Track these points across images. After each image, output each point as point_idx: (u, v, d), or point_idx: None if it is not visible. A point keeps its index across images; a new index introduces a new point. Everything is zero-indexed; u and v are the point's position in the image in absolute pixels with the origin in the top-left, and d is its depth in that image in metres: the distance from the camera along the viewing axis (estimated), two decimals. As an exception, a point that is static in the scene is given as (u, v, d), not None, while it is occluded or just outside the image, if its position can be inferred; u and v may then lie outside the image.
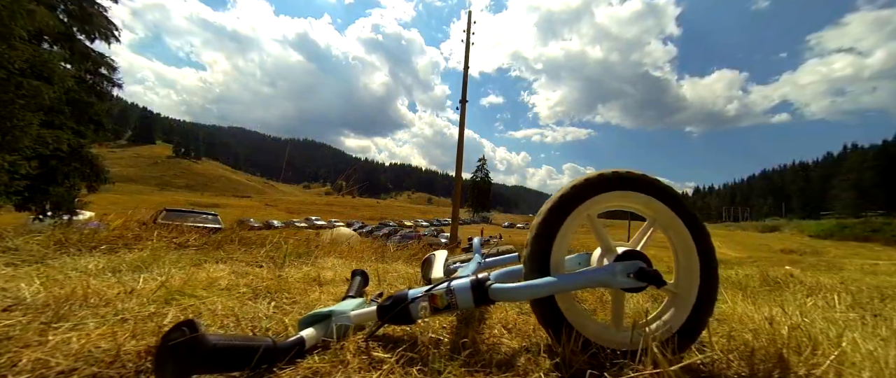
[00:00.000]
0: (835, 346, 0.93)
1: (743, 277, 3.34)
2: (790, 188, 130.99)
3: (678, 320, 1.03)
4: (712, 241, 1.08)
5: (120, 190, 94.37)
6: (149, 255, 1.84)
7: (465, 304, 1.00)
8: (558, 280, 0.97)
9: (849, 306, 1.66)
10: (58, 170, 20.33)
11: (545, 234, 1.03)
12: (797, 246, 48.48)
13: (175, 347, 0.63)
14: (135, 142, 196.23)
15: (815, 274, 4.90)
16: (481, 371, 0.84)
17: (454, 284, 1.03)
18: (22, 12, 14.88)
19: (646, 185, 1.08)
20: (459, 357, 0.89)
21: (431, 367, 0.81)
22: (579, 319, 1.02)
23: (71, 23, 21.02)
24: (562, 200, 1.04)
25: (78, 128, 20.87)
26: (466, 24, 22.45)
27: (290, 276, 1.80)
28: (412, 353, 0.89)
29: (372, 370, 0.79)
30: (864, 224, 63.15)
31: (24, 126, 15.68)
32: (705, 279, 1.07)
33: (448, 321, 1.19)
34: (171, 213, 14.67)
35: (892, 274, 6.52)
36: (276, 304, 1.25)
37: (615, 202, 1.09)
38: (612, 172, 1.06)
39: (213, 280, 1.46)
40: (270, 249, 2.53)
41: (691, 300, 1.05)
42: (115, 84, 24.28)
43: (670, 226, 1.11)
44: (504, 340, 1.08)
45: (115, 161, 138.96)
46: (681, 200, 1.10)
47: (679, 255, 1.11)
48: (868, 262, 15.38)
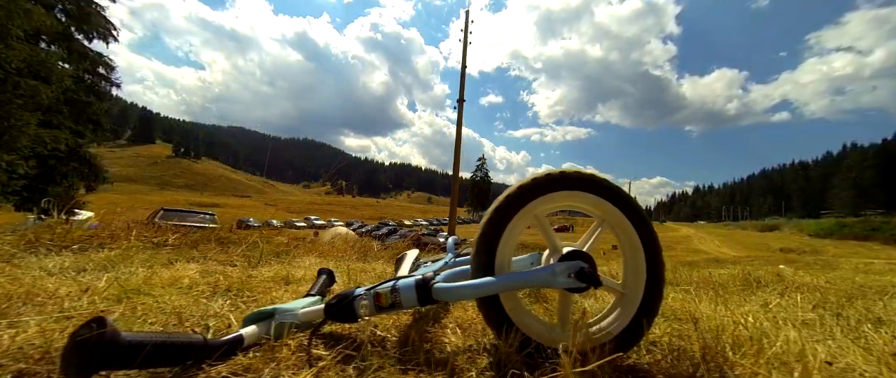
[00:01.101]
0: (771, 345, 0.94)
1: (727, 278, 3.34)
2: (790, 187, 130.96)
3: (624, 320, 1.04)
4: (659, 242, 1.09)
5: (120, 190, 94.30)
6: (118, 254, 1.85)
7: (409, 302, 1.01)
8: (499, 280, 0.97)
9: (815, 305, 1.66)
10: (56, 170, 20.34)
11: (490, 234, 1.03)
12: (796, 245, 48.47)
13: (80, 344, 0.64)
14: (134, 141, 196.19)
15: (807, 273, 4.90)
16: (415, 369, 0.84)
17: (400, 283, 1.03)
18: (19, 12, 14.86)
19: (594, 185, 1.08)
20: (396, 354, 0.89)
21: (367, 365, 0.82)
22: (524, 319, 1.02)
23: (69, 22, 20.98)
24: (507, 200, 1.04)
25: (76, 127, 20.87)
26: (464, 24, 22.44)
27: (261, 274, 1.81)
28: (352, 351, 0.89)
29: (306, 367, 0.80)
30: (863, 223, 63.12)
31: (21, 126, 15.67)
32: (651, 280, 1.07)
33: (402, 320, 1.19)
34: (168, 212, 14.68)
35: (884, 273, 6.53)
36: (232, 302, 1.26)
37: (563, 202, 1.09)
38: (559, 172, 1.07)
39: (177, 279, 1.47)
40: (247, 249, 2.54)
41: (637, 301, 1.05)
42: (114, 83, 24.26)
43: (619, 226, 1.11)
44: (452, 339, 1.08)
45: (115, 161, 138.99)
46: (630, 201, 1.10)
47: (626, 255, 1.11)
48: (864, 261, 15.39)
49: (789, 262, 14.39)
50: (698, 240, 59.61)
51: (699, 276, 2.95)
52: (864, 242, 50.67)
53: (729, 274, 3.56)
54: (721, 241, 55.41)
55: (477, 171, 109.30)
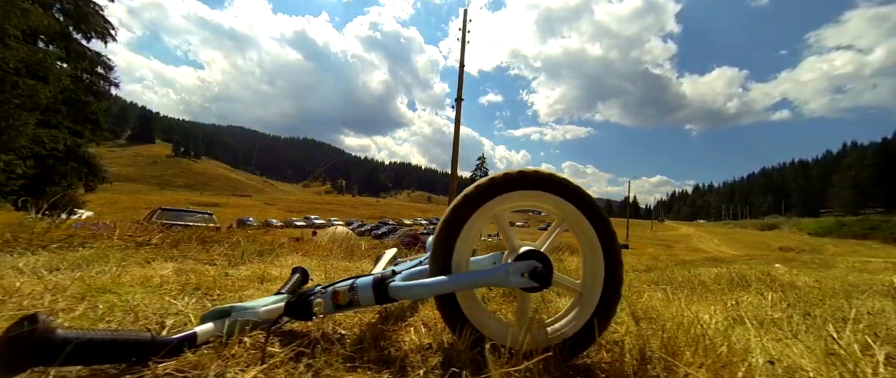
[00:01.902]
0: (721, 345, 0.94)
1: (715, 277, 3.35)
2: (790, 186, 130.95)
3: (581, 320, 1.04)
4: (618, 242, 1.09)
5: (120, 189, 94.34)
6: (94, 253, 1.86)
7: (367, 301, 1.02)
8: (451, 279, 0.98)
9: (789, 304, 1.67)
10: (55, 169, 20.35)
11: (448, 234, 1.04)
12: (796, 244, 48.46)
13: (10, 341, 0.64)
14: (134, 141, 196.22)
15: (801, 272, 4.92)
16: (365, 367, 0.85)
17: (358, 282, 1.04)
18: (16, 11, 14.85)
19: (553, 185, 1.08)
20: (349, 352, 0.90)
21: (316, 362, 0.82)
22: (481, 318, 1.03)
23: (66, 22, 20.95)
24: (465, 200, 1.05)
25: (75, 127, 20.87)
26: (462, 23, 22.42)
27: (239, 273, 1.82)
28: (306, 348, 0.90)
29: (256, 364, 0.81)
30: (862, 222, 63.13)
31: (19, 125, 15.68)
32: (609, 280, 1.08)
33: (366, 318, 1.20)
34: (166, 212, 14.69)
35: (878, 272, 6.53)
36: (199, 300, 1.27)
37: (522, 202, 1.10)
38: (518, 172, 1.07)
39: (148, 277, 1.48)
40: (229, 248, 2.55)
41: (595, 301, 1.06)
42: (112, 83, 24.23)
43: (578, 226, 1.11)
44: (413, 337, 1.09)
45: (115, 160, 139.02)
46: (589, 202, 1.10)
47: (586, 255, 1.11)
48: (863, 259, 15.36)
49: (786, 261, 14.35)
50: (698, 239, 59.68)
51: (685, 275, 2.96)
52: (864, 241, 50.70)
53: (717, 273, 3.57)
54: (720, 240, 55.45)
55: (477, 171, 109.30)
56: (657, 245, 46.91)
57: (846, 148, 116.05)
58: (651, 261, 8.04)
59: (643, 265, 4.50)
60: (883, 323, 1.35)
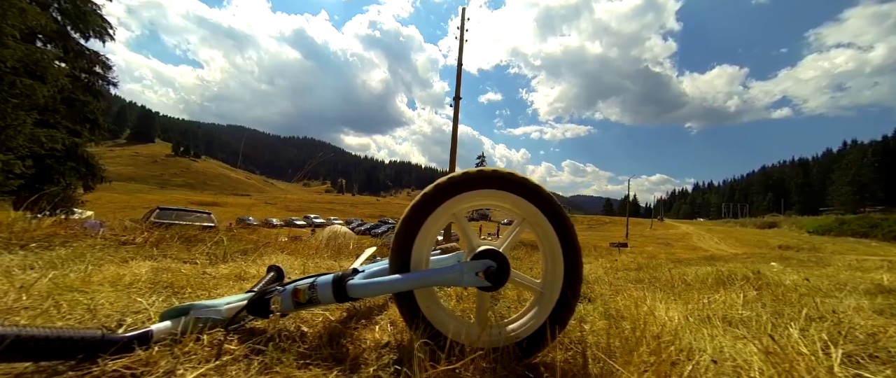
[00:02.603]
0: (670, 344, 0.95)
1: (704, 275, 3.36)
2: (790, 184, 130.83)
3: (540, 319, 1.05)
4: (578, 240, 1.10)
5: (119, 189, 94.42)
6: (71, 252, 1.87)
7: (326, 299, 1.03)
8: (406, 277, 0.99)
9: (764, 304, 1.67)
10: (53, 169, 20.35)
11: (407, 233, 1.05)
12: (795, 242, 48.43)
13: None
14: (134, 140, 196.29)
15: (795, 271, 4.92)
16: (316, 364, 0.86)
17: (319, 280, 1.05)
18: (14, 10, 14.84)
19: (513, 184, 1.08)
20: (304, 350, 0.91)
21: (269, 360, 0.83)
22: (438, 316, 1.04)
23: (64, 21, 20.93)
24: (424, 200, 1.05)
25: (73, 127, 20.88)
26: (460, 22, 22.41)
27: (218, 272, 1.83)
28: (264, 345, 0.91)
29: (209, 362, 0.82)
30: (861, 220, 63.07)
31: (18, 125, 15.69)
32: (569, 279, 1.08)
33: (333, 316, 1.21)
34: (164, 211, 14.69)
35: (871, 270, 6.53)
36: (167, 299, 1.28)
37: (481, 201, 1.10)
38: (477, 171, 1.08)
39: (121, 276, 1.49)
40: (212, 247, 2.56)
41: (554, 300, 1.06)
42: (111, 83, 24.23)
43: (538, 226, 1.12)
44: (375, 335, 1.10)
45: (115, 160, 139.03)
46: (550, 201, 1.10)
47: (546, 255, 1.12)
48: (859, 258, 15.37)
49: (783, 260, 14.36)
50: (697, 237, 59.68)
51: (672, 274, 2.96)
52: (863, 239, 50.68)
53: (706, 272, 3.58)
54: (720, 239, 55.45)
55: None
56: (656, 243, 46.88)
57: (846, 146, 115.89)
58: (647, 259, 8.05)
59: (635, 264, 4.51)
60: (849, 322, 1.35)
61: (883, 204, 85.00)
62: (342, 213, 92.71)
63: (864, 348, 1.09)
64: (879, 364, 1.01)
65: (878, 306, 1.85)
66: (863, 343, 1.13)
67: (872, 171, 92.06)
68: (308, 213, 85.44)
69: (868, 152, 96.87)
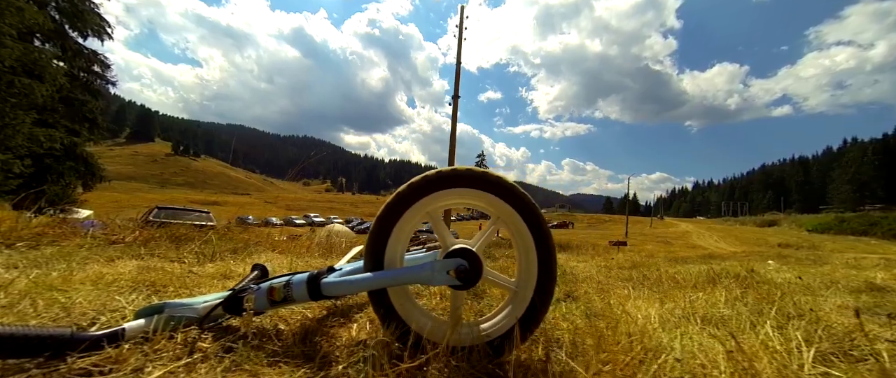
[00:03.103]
0: (637, 342, 0.96)
1: (694, 274, 3.36)
2: (789, 183, 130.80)
3: (513, 318, 1.05)
4: (553, 239, 1.10)
5: (119, 188, 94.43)
6: (57, 251, 1.88)
7: (301, 297, 1.04)
8: (377, 275, 1.00)
9: (747, 302, 1.68)
10: (52, 168, 20.34)
11: (381, 231, 1.05)
12: (795, 240, 48.35)
13: None
14: (133, 139, 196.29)
15: (791, 269, 4.93)
16: (286, 361, 0.87)
17: (294, 278, 1.06)
18: (11, 10, 14.82)
19: (487, 183, 1.08)
20: (276, 348, 0.92)
21: (239, 357, 0.84)
22: (413, 314, 1.04)
23: (62, 20, 20.89)
24: (398, 198, 1.06)
25: (72, 126, 20.87)
26: (459, 20, 22.36)
27: (205, 271, 1.84)
28: (235, 343, 0.92)
29: (179, 359, 0.82)
30: (861, 218, 63.05)
31: (16, 124, 15.69)
32: (542, 278, 1.08)
33: (312, 314, 1.22)
34: (162, 210, 14.70)
35: (866, 268, 6.54)
36: (147, 298, 1.29)
37: (456, 199, 1.11)
38: (451, 170, 1.08)
39: (104, 275, 1.50)
40: (200, 246, 2.56)
41: (527, 299, 1.06)
42: (109, 81, 24.20)
43: (512, 225, 1.12)
44: (351, 333, 1.11)
45: (114, 159, 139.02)
46: (524, 200, 1.10)
47: (520, 254, 1.12)
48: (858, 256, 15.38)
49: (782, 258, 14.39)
50: (697, 236, 59.65)
51: (664, 273, 2.97)
52: (862, 237, 50.65)
53: (698, 270, 3.58)
54: (719, 237, 55.41)
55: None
56: (656, 242, 46.88)
57: (847, 144, 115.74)
58: (644, 258, 8.04)
59: (629, 263, 4.52)
60: (827, 320, 1.36)
61: (883, 202, 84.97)
62: (342, 212, 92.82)
63: (838, 346, 1.10)
64: (852, 362, 1.02)
65: (862, 304, 1.86)
66: (838, 341, 1.14)
67: (872, 169, 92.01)
68: (308, 212, 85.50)
69: (868, 150, 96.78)
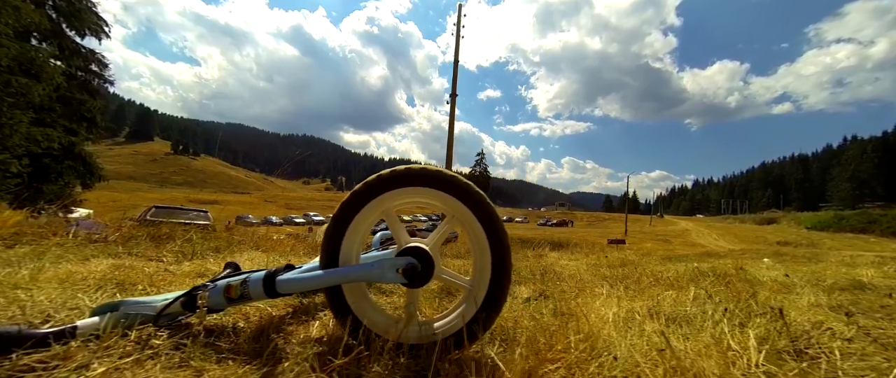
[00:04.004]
0: (583, 340, 0.97)
1: (681, 272, 3.36)
2: (789, 181, 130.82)
3: (466, 316, 1.06)
4: (508, 239, 1.10)
5: (119, 187, 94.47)
6: (31, 250, 1.89)
7: (257, 294, 1.05)
8: (328, 273, 1.01)
9: (720, 300, 1.68)
10: (51, 168, 20.34)
11: (336, 229, 1.06)
12: (794, 238, 48.43)
13: None
14: (133, 139, 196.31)
15: (784, 266, 4.93)
16: (234, 357, 0.88)
17: (252, 276, 1.07)
18: (7, 9, 14.80)
19: (441, 182, 1.09)
20: (228, 345, 0.92)
21: (187, 354, 0.85)
22: (366, 311, 1.06)
23: (59, 19, 20.85)
24: (353, 197, 1.07)
25: (70, 125, 20.86)
26: (457, 18, 22.36)
27: (180, 270, 1.85)
28: (187, 341, 0.93)
29: (127, 356, 0.83)
30: (861, 215, 63.07)
31: (13, 124, 15.70)
32: (496, 277, 1.09)
33: (276, 311, 1.22)
34: (160, 210, 14.70)
35: (860, 266, 6.55)
36: (112, 296, 1.30)
37: (412, 198, 1.11)
38: (405, 169, 1.09)
39: (73, 274, 1.51)
40: (182, 244, 2.57)
41: (481, 298, 1.07)
42: (107, 80, 24.15)
43: (466, 224, 1.12)
44: (312, 331, 1.12)
45: (114, 158, 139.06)
46: (477, 199, 1.10)
47: (475, 252, 1.13)
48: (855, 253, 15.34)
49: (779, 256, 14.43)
50: (697, 234, 59.71)
51: (640, 272, 2.98)
52: (861, 235, 50.72)
53: (684, 269, 3.58)
54: (719, 235, 55.49)
55: (476, 166, 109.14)
56: (655, 240, 46.95)
57: (846, 141, 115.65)
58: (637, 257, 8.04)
59: (619, 261, 4.52)
60: (794, 318, 1.36)
61: (882, 200, 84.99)
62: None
63: (795, 345, 1.10)
64: (806, 359, 1.02)
65: (835, 301, 1.87)
66: (796, 339, 1.14)
67: (872, 167, 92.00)
68: (308, 211, 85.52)
69: (868, 148, 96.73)
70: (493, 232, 1.09)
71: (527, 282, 2.24)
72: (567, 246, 12.21)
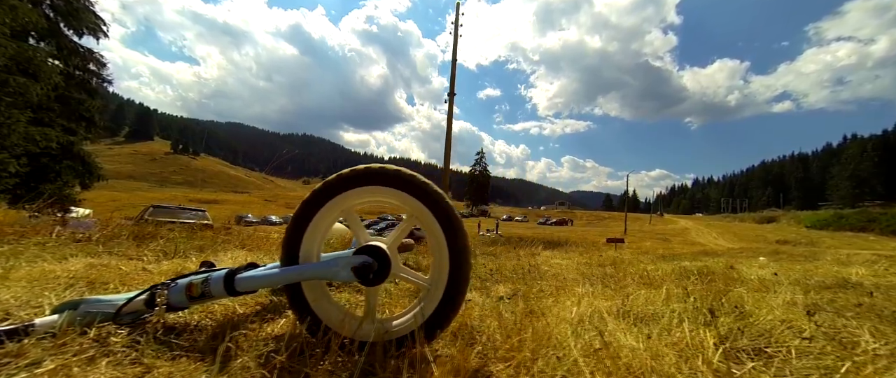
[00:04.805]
0: (534, 339, 0.98)
1: (667, 272, 3.36)
2: (789, 179, 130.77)
3: (424, 314, 1.07)
4: (469, 240, 1.11)
5: (120, 187, 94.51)
6: (10, 250, 1.89)
7: (218, 293, 1.06)
8: (284, 271, 1.02)
9: (694, 299, 1.69)
10: (49, 167, 20.34)
11: (296, 228, 1.07)
12: (793, 236, 48.37)
13: None
14: (132, 138, 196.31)
15: (780, 265, 4.94)
16: (186, 354, 0.89)
17: (213, 274, 1.08)
18: (4, 8, 14.79)
19: (400, 181, 1.10)
20: (181, 341, 0.93)
21: (141, 352, 0.86)
22: (325, 309, 1.07)
23: (57, 18, 20.82)
24: (314, 196, 1.08)
25: (68, 125, 20.85)
26: (455, 17, 22.33)
27: (158, 269, 1.86)
28: (140, 338, 0.93)
29: (81, 354, 0.84)
30: (860, 214, 63.03)
31: (11, 123, 15.70)
32: (454, 277, 1.09)
33: (242, 309, 1.23)
34: (158, 209, 14.71)
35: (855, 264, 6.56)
36: (80, 294, 1.31)
37: (371, 197, 1.12)
38: (365, 168, 1.09)
39: (47, 272, 1.52)
40: (164, 243, 2.58)
41: (438, 297, 1.08)
42: (105, 80, 24.13)
43: (425, 223, 1.13)
44: (276, 328, 1.13)
45: (114, 158, 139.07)
46: (436, 198, 1.11)
47: (433, 251, 1.13)
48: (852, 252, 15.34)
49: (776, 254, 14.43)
50: (696, 232, 59.69)
51: (630, 270, 2.98)
52: (861, 233, 50.67)
53: (673, 268, 3.59)
54: (718, 234, 55.46)
55: (476, 165, 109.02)
56: (655, 239, 46.94)
57: (846, 140, 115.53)
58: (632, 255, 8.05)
59: (609, 260, 4.53)
60: (763, 316, 1.37)
61: (882, 198, 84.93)
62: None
63: (755, 343, 1.11)
64: (762, 358, 1.03)
65: (811, 300, 1.87)
66: (756, 338, 1.15)
67: (872, 166, 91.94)
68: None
69: (868, 146, 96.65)
70: (451, 231, 1.10)
71: (507, 280, 2.25)
72: (563, 245, 12.20)
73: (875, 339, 1.11)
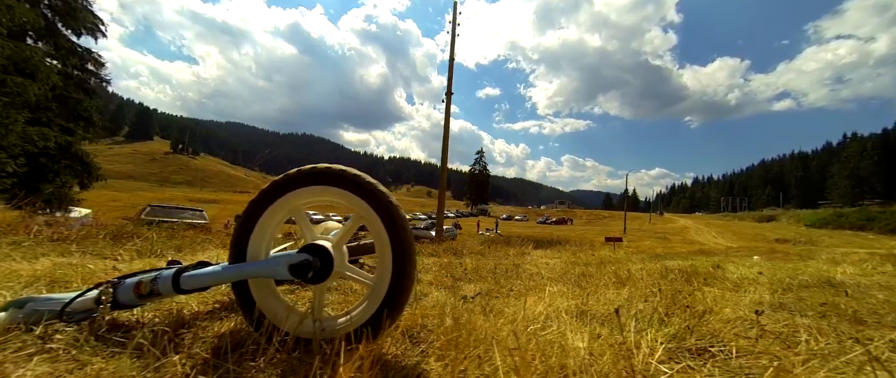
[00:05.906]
0: (479, 338, 0.99)
1: (650, 271, 3.37)
2: (789, 178, 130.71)
3: (368, 313, 1.08)
4: (412, 239, 1.11)
5: (120, 187, 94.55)
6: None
7: (166, 291, 1.08)
8: (226, 269, 1.04)
9: (661, 298, 1.70)
10: (48, 167, 20.34)
11: (244, 227, 1.09)
12: (792, 235, 48.37)
13: None
14: (132, 138, 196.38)
15: (774, 264, 4.96)
16: (126, 352, 0.90)
17: (163, 272, 1.10)
18: (1, 8, 14.80)
19: (346, 181, 1.11)
20: (124, 338, 0.94)
21: (76, 351, 0.87)
22: (271, 306, 1.08)
23: (54, 17, 20.81)
24: (261, 196, 1.09)
25: (66, 125, 20.86)
26: (452, 17, 22.32)
27: (131, 267, 1.88)
28: (86, 336, 0.95)
29: (21, 351, 0.85)
30: (859, 213, 63.04)
31: (9, 124, 15.71)
32: (397, 276, 1.10)
33: (202, 307, 1.24)
34: (155, 209, 14.74)
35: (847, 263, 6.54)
36: (38, 292, 1.32)
37: (318, 197, 1.13)
38: (311, 168, 1.10)
39: (12, 272, 1.53)
40: (142, 243, 2.59)
41: (381, 296, 1.09)
42: (104, 80, 24.12)
43: (369, 222, 1.14)
44: (228, 326, 1.14)
45: (114, 158, 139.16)
46: (379, 197, 1.12)
47: (378, 250, 1.14)
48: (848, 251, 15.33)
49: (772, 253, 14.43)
50: (696, 231, 59.68)
51: (621, 269, 3.00)
52: (860, 232, 50.69)
53: (656, 267, 3.59)
54: (718, 233, 55.46)
55: (475, 165, 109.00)
56: (654, 238, 46.95)
57: (846, 139, 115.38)
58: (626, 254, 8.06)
59: (597, 259, 4.54)
60: (711, 318, 1.38)
61: (882, 197, 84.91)
62: (341, 210, 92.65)
63: (702, 343, 1.12)
64: (704, 357, 1.04)
65: (778, 300, 1.88)
66: (704, 338, 1.16)
67: (872, 165, 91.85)
68: (307, 210, 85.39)
69: (867, 145, 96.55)
70: (393, 230, 1.11)
71: (482, 280, 2.26)
72: (556, 244, 12.21)
73: (821, 338, 1.11)
